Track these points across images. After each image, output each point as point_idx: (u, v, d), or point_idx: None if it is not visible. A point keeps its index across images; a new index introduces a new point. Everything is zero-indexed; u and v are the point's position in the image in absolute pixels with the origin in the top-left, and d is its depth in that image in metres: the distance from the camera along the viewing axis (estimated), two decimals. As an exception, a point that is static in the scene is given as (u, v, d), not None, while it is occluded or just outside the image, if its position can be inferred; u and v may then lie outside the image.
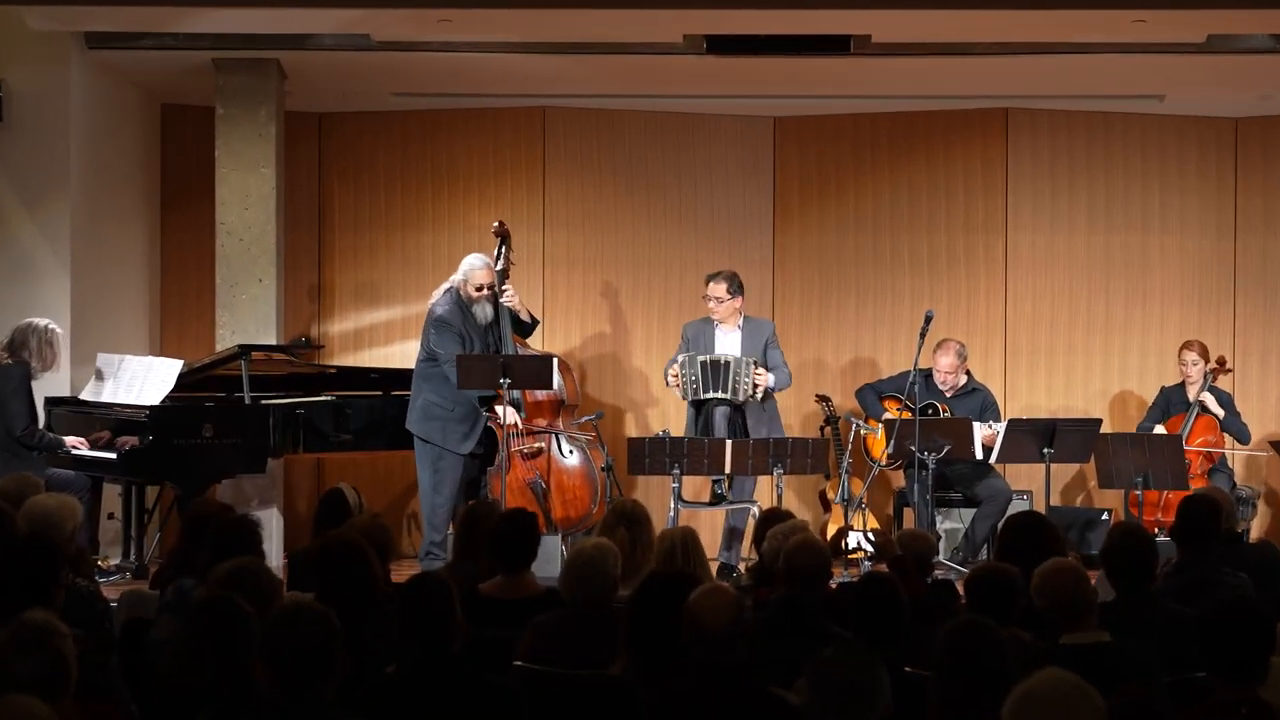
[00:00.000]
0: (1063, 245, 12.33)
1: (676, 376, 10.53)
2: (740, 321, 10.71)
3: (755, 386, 10.41)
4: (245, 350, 10.37)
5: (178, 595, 6.07)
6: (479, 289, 10.39)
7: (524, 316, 10.68)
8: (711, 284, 10.68)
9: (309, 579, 5.98)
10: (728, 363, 10.40)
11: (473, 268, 10.42)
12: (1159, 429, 11.12)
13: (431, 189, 12.43)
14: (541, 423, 10.70)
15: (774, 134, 12.54)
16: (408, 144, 12.42)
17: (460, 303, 10.40)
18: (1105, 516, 11.27)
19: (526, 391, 10.62)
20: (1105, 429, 10.93)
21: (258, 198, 11.06)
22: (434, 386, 10.35)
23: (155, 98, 12.03)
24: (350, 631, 5.06)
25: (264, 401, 10.36)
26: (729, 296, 10.65)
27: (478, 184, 12.39)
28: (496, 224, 10.84)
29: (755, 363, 10.43)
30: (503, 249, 10.74)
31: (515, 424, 10.36)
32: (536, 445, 10.65)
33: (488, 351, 10.41)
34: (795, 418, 12.15)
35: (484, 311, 10.45)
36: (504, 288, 10.55)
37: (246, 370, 10.27)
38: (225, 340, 10.97)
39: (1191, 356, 11.31)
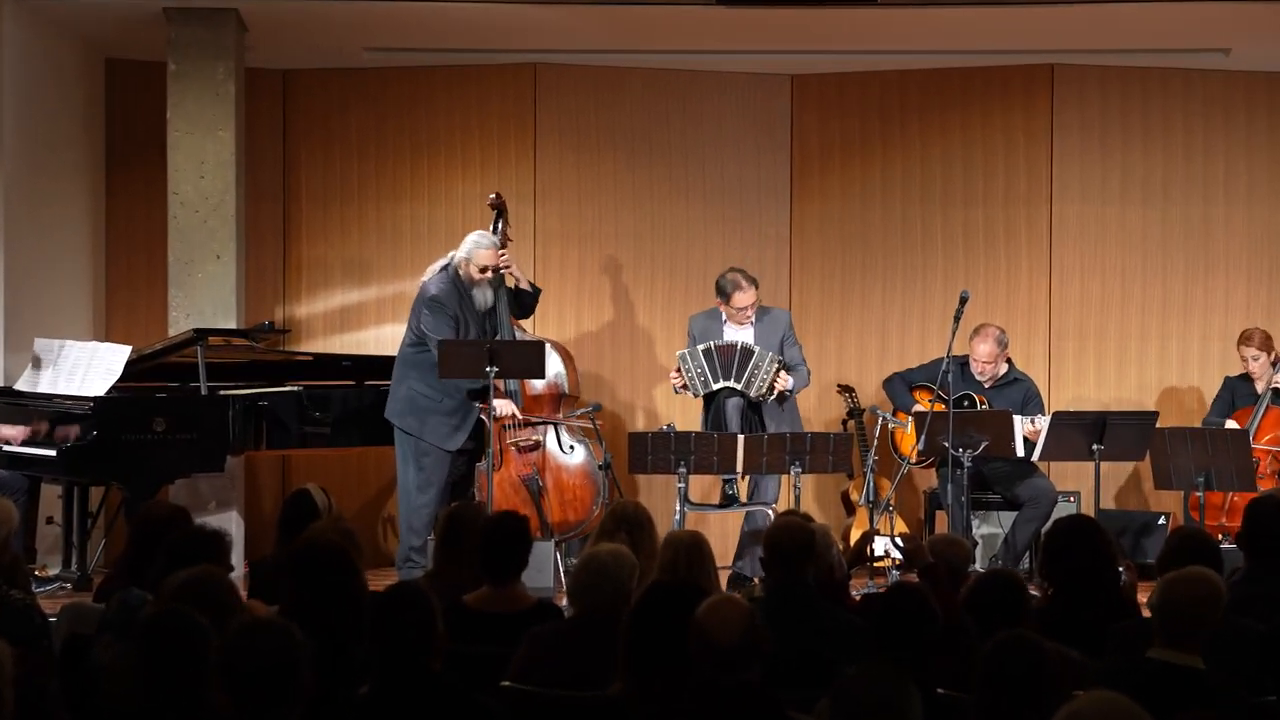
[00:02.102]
0: (1114, 218, 12.30)
1: (680, 376, 10.50)
2: (752, 315, 10.67)
3: (773, 389, 10.38)
4: (201, 335, 10.36)
5: (122, 610, 6.04)
6: (483, 270, 10.39)
7: (525, 286, 10.68)
8: (740, 294, 10.50)
9: (279, 587, 5.97)
10: (750, 350, 10.36)
11: (478, 246, 10.41)
12: (1229, 423, 11.08)
13: (410, 156, 12.41)
14: (541, 415, 10.69)
15: (792, 94, 12.52)
16: (383, 105, 12.40)
17: (458, 283, 10.39)
18: (1162, 521, 11.26)
19: (525, 382, 10.61)
20: (1162, 422, 10.90)
21: (215, 164, 11.04)
22: (421, 374, 10.34)
23: (99, 52, 12.01)
24: (324, 648, 5.06)
25: (222, 392, 10.35)
26: (759, 300, 10.65)
27: (461, 150, 12.37)
28: (493, 195, 10.85)
29: (781, 363, 10.41)
30: (499, 223, 10.77)
31: (513, 415, 10.35)
32: (534, 438, 10.64)
33: (485, 335, 10.39)
34: (815, 411, 12.14)
35: (484, 296, 10.45)
36: (501, 253, 10.55)
37: (203, 357, 10.26)
38: (179, 324, 10.96)
39: (1251, 351, 11.22)
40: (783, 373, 10.44)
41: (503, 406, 10.31)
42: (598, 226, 12.42)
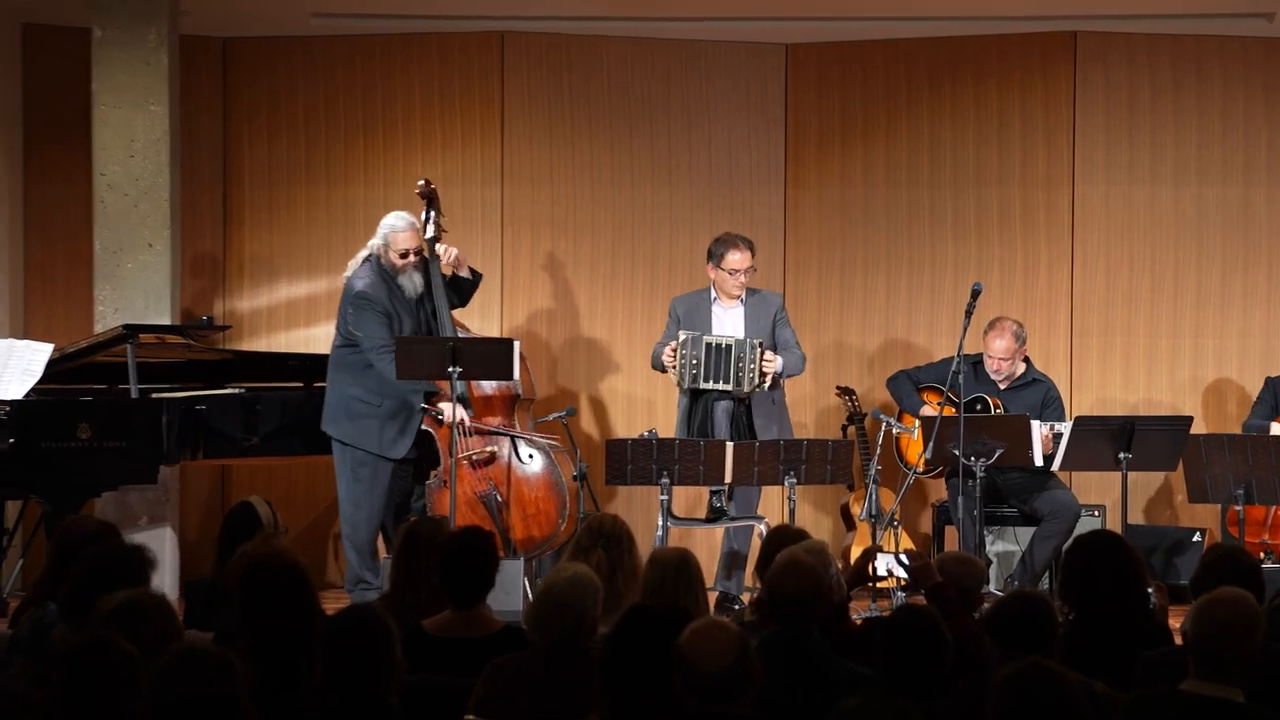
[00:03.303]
0: (1144, 201, 12.30)
1: (673, 356, 10.49)
2: (743, 295, 10.70)
3: (763, 375, 10.39)
4: (132, 332, 10.32)
5: (34, 631, 6.01)
6: (404, 255, 10.38)
7: (464, 274, 10.66)
8: (735, 254, 10.62)
9: (214, 610, 5.95)
10: (729, 346, 10.38)
11: (394, 230, 10.41)
12: (1275, 427, 11.07)
13: (363, 134, 12.39)
14: (493, 422, 10.67)
15: (786, 65, 12.52)
16: (333, 78, 12.38)
17: (383, 273, 10.39)
18: (1197, 537, 11.27)
19: (473, 384, 10.60)
20: (1197, 428, 10.92)
21: (146, 142, 11.02)
22: (354, 377, 10.34)
23: (14, 15, 11.96)
24: (272, 677, 5.05)
25: (155, 395, 10.32)
26: (754, 266, 10.69)
27: (420, 128, 12.36)
28: (421, 183, 10.80)
29: (761, 345, 10.42)
30: (431, 213, 10.71)
31: (464, 422, 10.33)
32: (488, 449, 10.63)
33: (420, 330, 10.39)
34: (811, 414, 12.14)
35: (412, 282, 10.45)
36: (438, 248, 10.54)
37: (133, 357, 10.22)
38: (107, 320, 10.93)
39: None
40: (769, 353, 10.44)
41: (451, 412, 10.28)
42: (571, 212, 12.41)
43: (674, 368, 10.52)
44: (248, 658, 5.33)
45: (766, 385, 10.46)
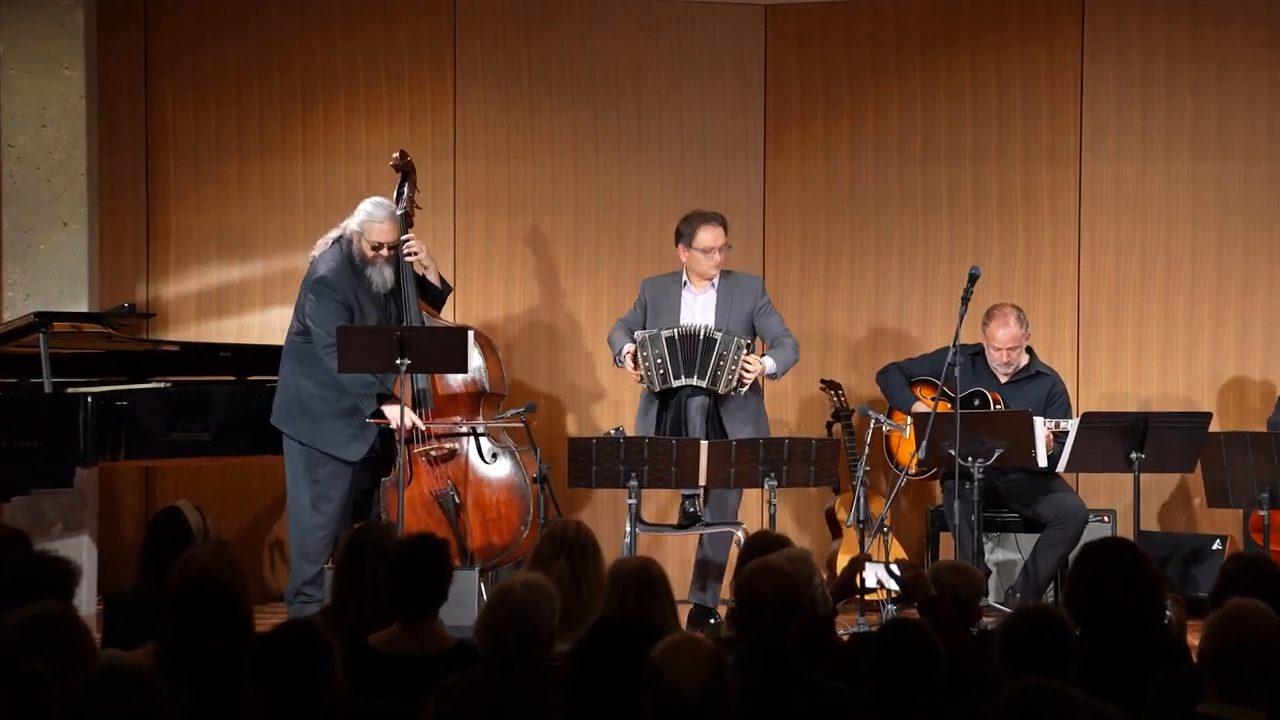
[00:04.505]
0: (1157, 177, 12.31)
1: (635, 364, 10.49)
2: (715, 279, 10.69)
3: (743, 379, 10.38)
4: (44, 320, 10.30)
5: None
6: (377, 248, 10.36)
7: (433, 279, 10.66)
8: (707, 231, 10.61)
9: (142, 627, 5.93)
10: (712, 339, 10.36)
11: (371, 219, 10.38)
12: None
13: (302, 103, 12.36)
14: (457, 419, 10.66)
15: (766, 27, 12.52)
16: (268, 39, 12.34)
17: (351, 260, 10.36)
18: (1217, 545, 11.28)
19: (437, 379, 10.59)
20: (1216, 426, 10.93)
21: (60, 111, 11.00)
22: (310, 369, 10.34)
23: (-85, -26, 11.94)
24: (208, 695, 5.03)
25: (71, 390, 10.29)
26: (729, 244, 10.68)
27: (365, 96, 12.33)
28: (396, 155, 10.79)
29: (749, 345, 10.41)
30: (404, 188, 10.71)
31: (415, 426, 10.32)
32: (448, 446, 10.62)
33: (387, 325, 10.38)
34: (793, 410, 12.15)
35: (382, 276, 10.43)
36: (407, 238, 10.51)
37: (46, 347, 10.20)
38: (17, 306, 10.91)
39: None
40: (753, 356, 10.43)
41: (396, 416, 10.25)
42: (531, 188, 12.39)
43: (638, 374, 10.51)
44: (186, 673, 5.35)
45: (744, 391, 10.45)
